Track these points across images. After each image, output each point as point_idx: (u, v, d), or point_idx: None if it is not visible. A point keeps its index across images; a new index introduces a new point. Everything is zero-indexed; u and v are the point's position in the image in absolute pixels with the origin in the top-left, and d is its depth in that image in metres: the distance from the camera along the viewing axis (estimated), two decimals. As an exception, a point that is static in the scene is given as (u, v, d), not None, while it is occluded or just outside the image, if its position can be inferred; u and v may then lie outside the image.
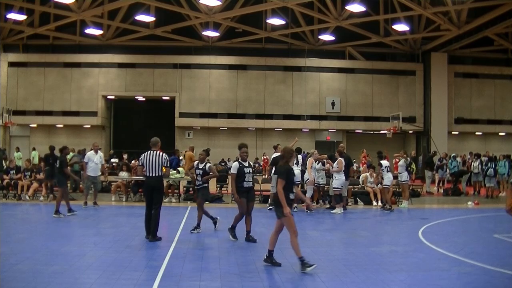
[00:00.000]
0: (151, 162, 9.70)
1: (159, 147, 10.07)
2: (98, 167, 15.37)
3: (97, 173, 15.34)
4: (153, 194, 9.81)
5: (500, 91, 35.85)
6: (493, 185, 20.33)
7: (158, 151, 9.89)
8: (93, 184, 15.34)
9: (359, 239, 10.31)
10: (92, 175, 15.19)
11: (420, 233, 10.95)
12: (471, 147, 32.87)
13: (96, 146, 15.72)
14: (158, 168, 9.71)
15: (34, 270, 7.02)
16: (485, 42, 32.87)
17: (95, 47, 34.19)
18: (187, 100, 34.36)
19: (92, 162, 15.18)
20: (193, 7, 28.87)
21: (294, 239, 7.24)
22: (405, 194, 16.67)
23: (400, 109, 33.23)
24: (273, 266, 7.57)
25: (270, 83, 34.78)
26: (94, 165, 15.18)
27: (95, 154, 15.34)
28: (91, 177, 15.20)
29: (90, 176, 15.21)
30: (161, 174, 9.82)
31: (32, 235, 10.20)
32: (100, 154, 15.58)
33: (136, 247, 9.01)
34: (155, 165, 9.69)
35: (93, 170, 15.18)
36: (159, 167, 9.71)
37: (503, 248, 9.77)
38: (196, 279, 6.82)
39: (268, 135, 35.75)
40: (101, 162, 15.53)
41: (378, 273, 7.34)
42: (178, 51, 34.42)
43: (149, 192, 9.92)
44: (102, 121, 34.71)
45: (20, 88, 33.71)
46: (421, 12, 27.85)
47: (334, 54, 35.33)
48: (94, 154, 15.34)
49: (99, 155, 15.41)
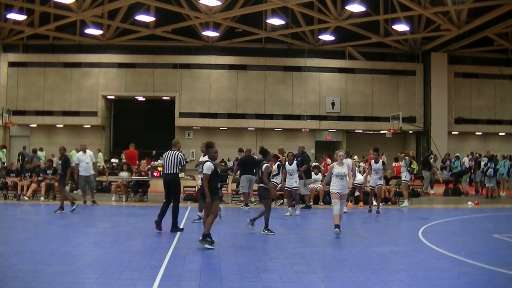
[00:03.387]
0: (168, 161, 10.75)
1: (178, 147, 11.04)
2: (89, 166, 15.70)
3: (89, 172, 15.67)
4: (170, 189, 10.81)
5: (500, 91, 35.84)
6: (493, 185, 20.33)
7: (176, 151, 10.86)
8: (87, 184, 15.58)
9: (359, 239, 10.31)
10: (85, 175, 15.55)
11: (420, 233, 10.95)
12: (471, 147, 32.88)
13: (84, 146, 16.17)
14: (174, 166, 10.71)
15: (34, 270, 7.02)
16: (485, 42, 32.86)
17: (95, 47, 34.18)
18: (187, 100, 34.36)
19: (82, 162, 15.59)
20: (193, 7, 28.87)
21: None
22: (405, 193, 16.74)
23: (400, 109, 33.21)
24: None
25: (270, 83, 34.77)
26: (85, 165, 15.56)
27: (84, 154, 15.76)
28: (84, 176, 15.58)
29: (82, 176, 15.59)
30: (177, 171, 10.84)
31: (32, 235, 10.20)
32: (89, 153, 15.99)
33: (136, 247, 9.02)
34: (171, 163, 10.71)
35: (85, 169, 15.54)
36: (175, 165, 10.71)
37: (503, 248, 9.77)
38: (196, 279, 6.82)
39: (268, 135, 35.74)
40: (91, 160, 15.79)
41: (378, 273, 7.34)
42: (178, 51, 34.41)
43: (166, 187, 10.83)
44: (102, 121, 34.71)
45: (20, 88, 33.69)
46: (421, 12, 27.84)
47: (334, 54, 35.32)
48: (82, 154, 15.78)
49: (88, 154, 15.82)
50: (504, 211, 16.24)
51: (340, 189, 10.57)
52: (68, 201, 13.90)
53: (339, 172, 10.58)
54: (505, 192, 21.29)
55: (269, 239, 10.00)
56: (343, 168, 10.62)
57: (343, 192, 10.61)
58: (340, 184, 10.56)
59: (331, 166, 10.98)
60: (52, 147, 29.33)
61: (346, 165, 10.67)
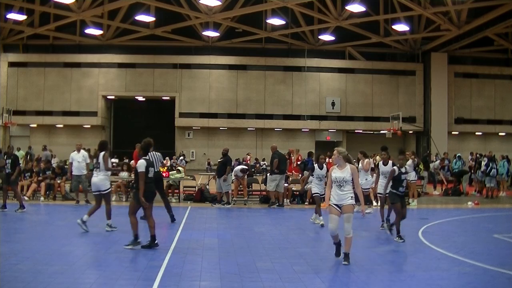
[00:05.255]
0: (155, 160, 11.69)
1: None
2: (82, 166, 15.84)
3: (81, 171, 15.81)
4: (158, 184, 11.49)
5: (500, 91, 35.85)
6: (493, 185, 20.33)
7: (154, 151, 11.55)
8: (80, 183, 15.72)
9: (359, 239, 10.31)
10: (76, 174, 15.71)
11: (420, 233, 10.94)
12: (471, 147, 32.92)
13: (79, 146, 16.28)
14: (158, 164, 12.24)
15: (34, 270, 7.02)
16: (485, 42, 32.88)
17: (95, 47, 34.19)
18: (187, 100, 34.36)
19: (75, 161, 15.74)
20: (193, 7, 28.87)
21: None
22: (414, 193, 17.00)
23: (400, 109, 33.23)
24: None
25: (270, 83, 34.78)
26: (77, 164, 15.71)
27: (78, 153, 15.89)
28: (76, 176, 15.74)
29: (75, 175, 15.76)
30: None
31: (32, 235, 10.19)
32: (83, 152, 16.11)
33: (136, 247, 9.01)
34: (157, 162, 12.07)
35: (77, 169, 15.68)
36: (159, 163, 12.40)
37: (503, 248, 9.76)
38: (196, 279, 6.82)
39: (268, 135, 35.74)
40: (84, 161, 15.91)
41: (378, 273, 7.34)
42: (178, 51, 34.43)
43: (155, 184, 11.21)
44: (102, 121, 34.71)
45: (20, 88, 33.71)
46: (421, 12, 27.85)
47: (334, 54, 35.34)
48: (76, 153, 15.89)
49: (82, 154, 15.99)
50: (504, 211, 16.22)
51: (339, 199, 7.74)
52: (18, 200, 13.98)
53: (337, 177, 7.80)
54: (505, 192, 21.29)
55: (269, 239, 9.98)
56: (343, 171, 7.80)
57: (344, 203, 7.70)
58: (339, 193, 7.75)
59: (331, 169, 8.17)
60: (52, 147, 29.34)
61: (348, 168, 7.80)
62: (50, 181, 16.99)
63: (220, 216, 13.80)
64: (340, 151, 7.99)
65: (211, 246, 9.18)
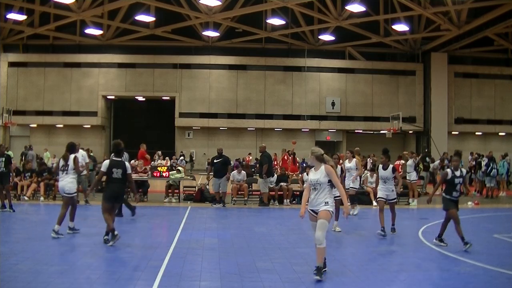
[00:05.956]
0: None
1: None
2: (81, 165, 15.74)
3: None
4: None
5: (500, 91, 35.85)
6: (493, 185, 20.33)
7: None
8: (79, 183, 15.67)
9: (359, 239, 10.31)
10: None
11: (420, 233, 10.95)
12: (471, 147, 32.87)
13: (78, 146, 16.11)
14: None
15: (34, 270, 7.01)
16: (485, 42, 32.88)
17: (95, 47, 34.20)
18: (187, 100, 34.36)
19: None
20: (193, 7, 28.88)
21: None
22: (414, 193, 17.12)
23: (400, 109, 33.24)
24: None
25: (270, 83, 34.78)
26: None
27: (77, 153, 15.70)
28: None
29: None
30: None
31: (32, 235, 10.19)
32: (81, 152, 16.03)
33: (136, 247, 9.01)
34: None
35: None
36: None
37: (503, 248, 9.77)
38: (196, 279, 6.82)
39: (268, 135, 35.74)
40: (83, 160, 15.84)
41: (378, 273, 7.34)
42: (178, 51, 34.43)
43: None
44: (102, 121, 34.71)
45: (20, 88, 33.71)
46: (421, 12, 27.85)
47: (334, 54, 35.34)
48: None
49: (81, 154, 15.76)
50: (504, 211, 16.23)
51: (314, 204, 6.94)
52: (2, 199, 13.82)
53: (311, 179, 7.00)
54: (505, 192, 21.29)
55: (269, 239, 9.99)
56: (317, 173, 6.98)
57: (319, 209, 6.88)
58: (313, 197, 6.96)
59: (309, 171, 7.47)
60: (52, 147, 29.33)
61: (323, 169, 6.90)
62: (49, 181, 17.00)
63: (220, 216, 13.79)
64: (313, 151, 7.13)
65: (211, 246, 9.18)
